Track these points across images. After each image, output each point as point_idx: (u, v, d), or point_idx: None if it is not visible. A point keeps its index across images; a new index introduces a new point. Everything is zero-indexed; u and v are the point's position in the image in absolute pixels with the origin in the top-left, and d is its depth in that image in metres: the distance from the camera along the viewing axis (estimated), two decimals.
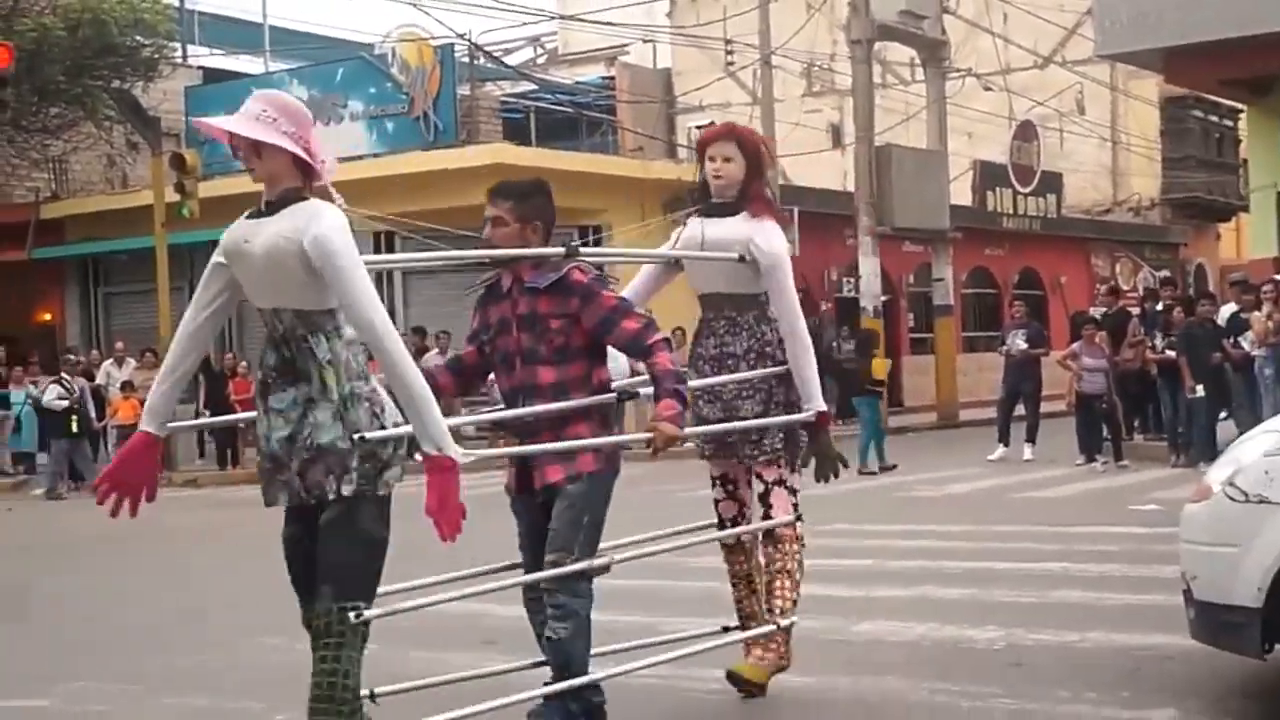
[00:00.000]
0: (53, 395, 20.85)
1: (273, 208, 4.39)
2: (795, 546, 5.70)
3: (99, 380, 22.21)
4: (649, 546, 5.60)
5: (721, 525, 5.88)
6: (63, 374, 21.35)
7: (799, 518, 5.73)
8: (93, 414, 21.46)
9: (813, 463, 5.87)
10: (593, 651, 5.09)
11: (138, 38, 26.32)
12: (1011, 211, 32.05)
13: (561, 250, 5.07)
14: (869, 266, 25.45)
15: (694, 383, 5.67)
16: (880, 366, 18.63)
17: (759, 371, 5.68)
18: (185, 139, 26.83)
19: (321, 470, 4.33)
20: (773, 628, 5.65)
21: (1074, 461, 16.51)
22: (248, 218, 4.46)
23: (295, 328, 4.37)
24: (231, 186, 23.91)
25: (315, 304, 4.38)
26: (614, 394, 5.16)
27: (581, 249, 5.19)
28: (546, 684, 5.04)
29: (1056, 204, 33.76)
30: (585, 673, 4.97)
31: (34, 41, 24.40)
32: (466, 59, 28.01)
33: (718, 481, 5.89)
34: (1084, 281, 34.73)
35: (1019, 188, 31.91)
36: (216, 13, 34.56)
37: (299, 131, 4.39)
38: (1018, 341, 18.11)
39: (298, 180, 4.41)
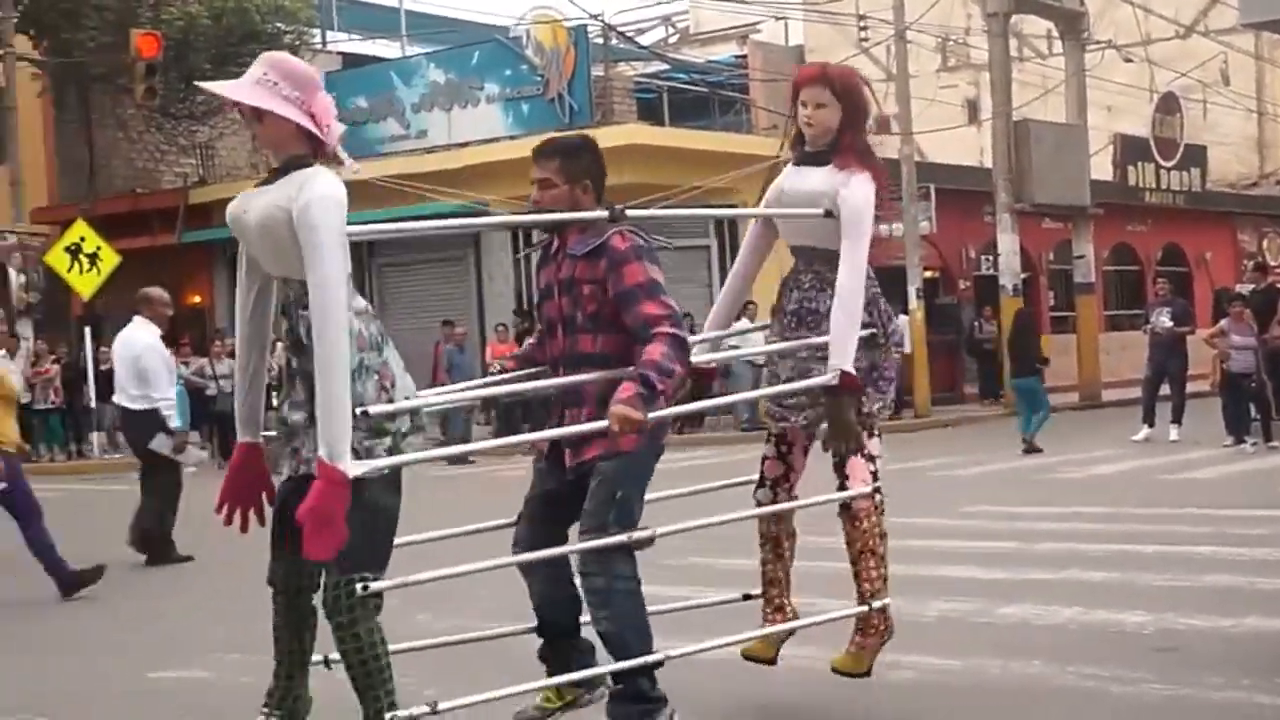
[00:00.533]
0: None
1: (275, 175, 4.26)
2: (875, 519, 5.26)
3: None
4: (693, 521, 5.10)
5: (761, 483, 5.47)
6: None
7: (878, 489, 5.26)
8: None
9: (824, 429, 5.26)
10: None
11: (279, 25, 26.85)
12: (1154, 186, 31.33)
13: (605, 213, 4.72)
14: (1008, 244, 25.10)
15: (771, 346, 5.47)
16: (1047, 343, 18.38)
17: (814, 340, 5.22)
18: None
19: (307, 444, 4.23)
20: (863, 609, 5.29)
21: (1222, 442, 16.15)
22: (256, 186, 4.34)
23: (302, 297, 4.15)
24: (375, 169, 24.37)
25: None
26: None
27: (628, 211, 4.78)
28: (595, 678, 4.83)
29: (1201, 178, 32.90)
30: (649, 651, 4.65)
31: (181, 31, 25.03)
32: (600, 40, 28.08)
33: (772, 438, 5.48)
34: (1230, 257, 33.92)
35: (1161, 162, 31.19)
36: None
37: (303, 96, 4.23)
38: (1162, 319, 17.73)
39: (303, 146, 4.26)
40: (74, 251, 22.35)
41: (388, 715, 4.18)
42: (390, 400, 4.16)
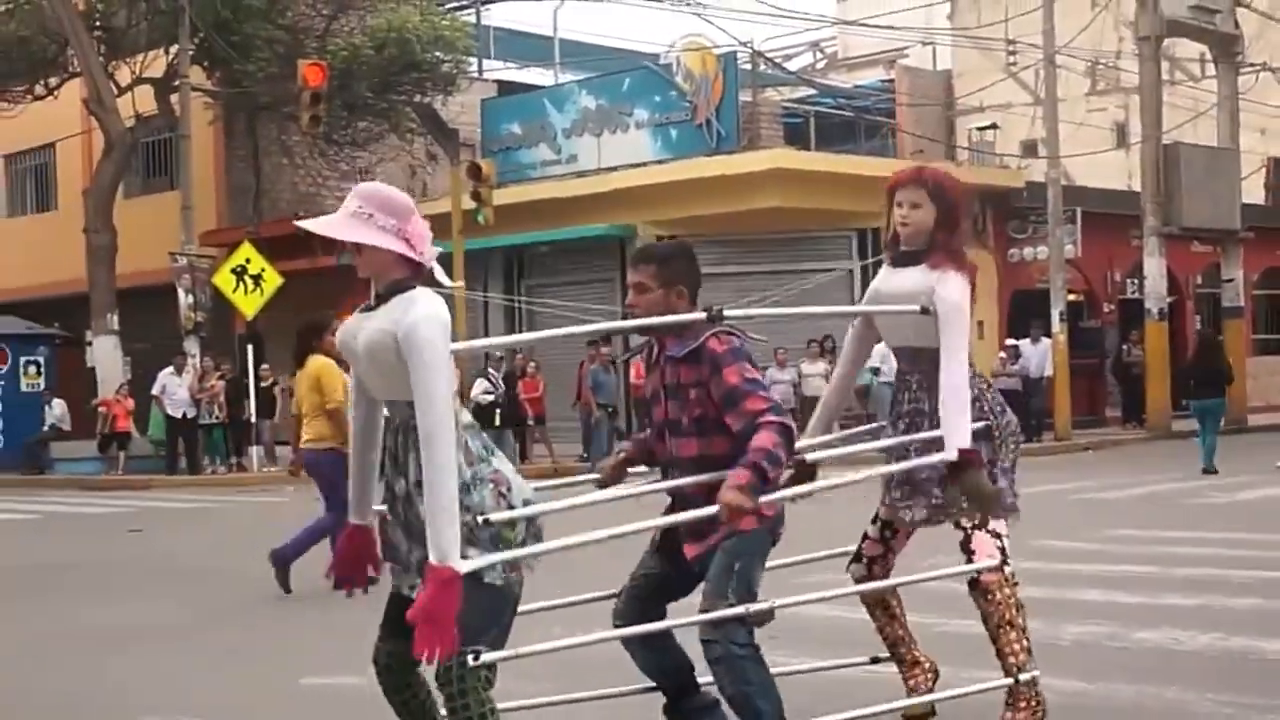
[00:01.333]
0: (479, 390, 21.50)
1: (379, 302, 4.27)
2: (1007, 592, 5.19)
3: None
4: (811, 595, 5.15)
5: (857, 558, 5.51)
6: (489, 370, 21.91)
7: (1006, 561, 5.18)
8: None
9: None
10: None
11: (438, 54, 27.23)
12: None
13: (703, 315, 4.71)
14: (1154, 267, 24.63)
15: (881, 442, 5.48)
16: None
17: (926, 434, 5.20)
18: (481, 149, 27.70)
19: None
20: (1009, 681, 5.17)
21: None
22: (360, 312, 4.37)
23: (409, 418, 4.14)
24: (524, 194, 24.68)
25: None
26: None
27: (726, 312, 4.76)
28: None
29: None
30: (781, 714, 4.65)
31: (344, 60, 25.53)
32: (748, 66, 28.14)
33: (879, 521, 5.48)
34: None
35: None
36: (510, 28, 35.54)
37: (399, 223, 4.22)
38: None
39: (403, 271, 4.25)
40: (239, 273, 22.86)
41: None
42: (510, 506, 4.19)
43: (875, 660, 5.62)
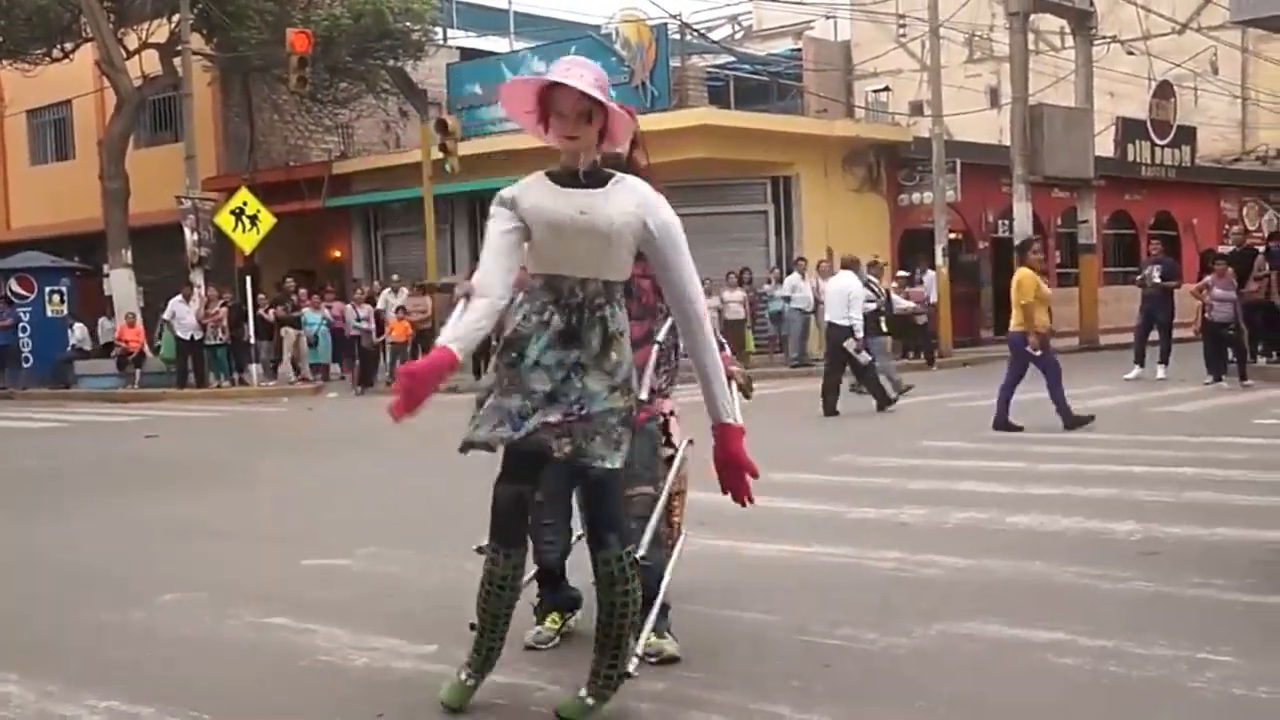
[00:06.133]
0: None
1: (591, 179, 3.78)
2: None
3: (379, 305, 22.87)
4: None
5: None
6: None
7: None
8: (373, 332, 22.22)
9: None
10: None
11: (408, 24, 26.82)
12: (1149, 161, 30.70)
13: None
14: (1022, 210, 24.78)
15: None
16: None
17: None
18: (447, 107, 27.33)
19: (597, 440, 3.76)
20: None
21: (1202, 381, 15.91)
22: (559, 184, 3.79)
23: (595, 297, 3.75)
24: (485, 146, 24.42)
25: (621, 275, 3.85)
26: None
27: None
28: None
29: (1190, 154, 32.19)
30: None
31: (326, 30, 25.10)
32: (677, 36, 27.86)
33: None
34: (1214, 223, 33.21)
35: (1156, 140, 30.56)
36: (471, 1, 35.00)
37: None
38: (1153, 275, 17.46)
39: (596, 151, 3.81)
40: (238, 214, 22.56)
41: (639, 649, 4.05)
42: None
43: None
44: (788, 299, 22.46)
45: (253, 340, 22.65)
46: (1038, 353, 11.86)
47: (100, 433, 16.19)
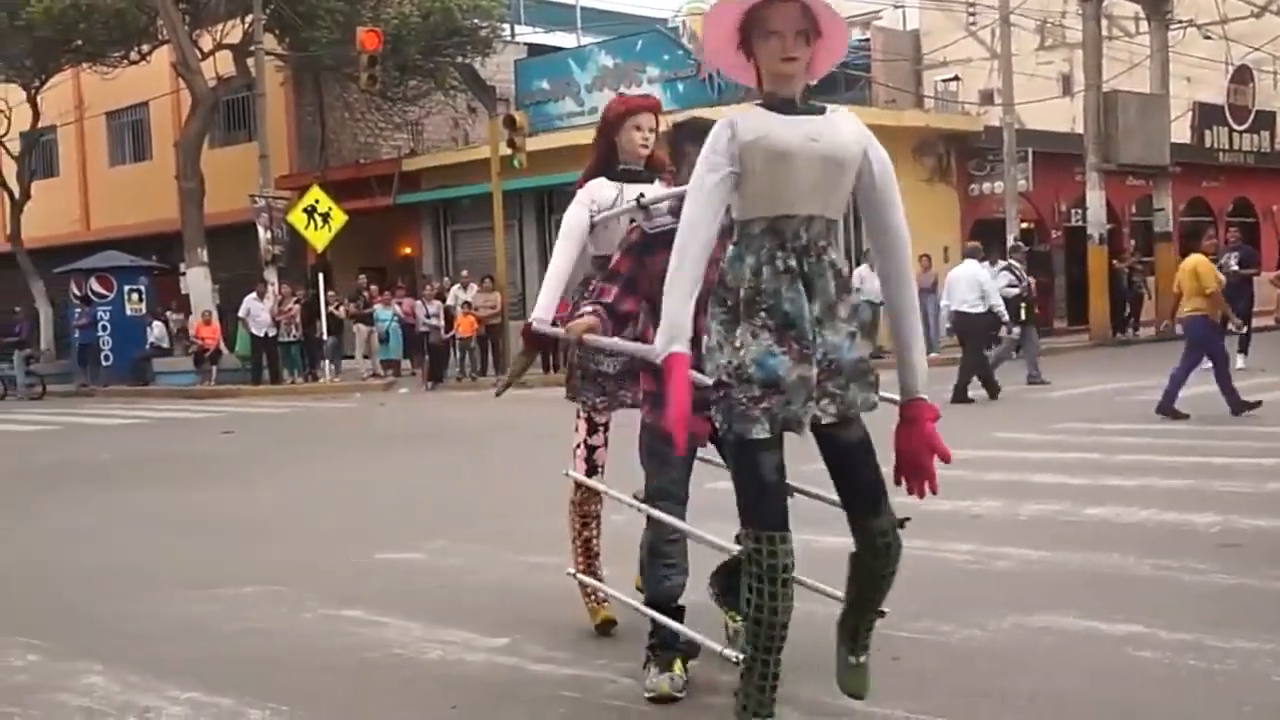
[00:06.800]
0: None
1: (807, 108, 3.30)
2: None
3: (448, 301, 23.00)
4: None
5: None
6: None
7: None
8: (442, 329, 22.34)
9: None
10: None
11: (476, 21, 26.99)
12: (1227, 147, 30.16)
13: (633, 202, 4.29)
14: (1095, 199, 24.46)
15: None
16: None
17: None
18: (514, 103, 27.46)
19: (855, 388, 3.32)
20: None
21: None
22: (781, 113, 3.26)
23: (819, 238, 3.28)
24: (553, 141, 24.49)
25: (838, 213, 3.36)
26: None
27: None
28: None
29: (1270, 140, 31.60)
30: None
31: (396, 28, 25.35)
32: None
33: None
34: None
35: (1234, 126, 30.02)
36: None
37: None
38: (1231, 262, 17.10)
39: (807, 77, 3.32)
40: (310, 212, 22.78)
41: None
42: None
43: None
44: (857, 289, 22.32)
45: (325, 337, 22.89)
46: (1243, 330, 12.00)
47: (178, 429, 16.46)
